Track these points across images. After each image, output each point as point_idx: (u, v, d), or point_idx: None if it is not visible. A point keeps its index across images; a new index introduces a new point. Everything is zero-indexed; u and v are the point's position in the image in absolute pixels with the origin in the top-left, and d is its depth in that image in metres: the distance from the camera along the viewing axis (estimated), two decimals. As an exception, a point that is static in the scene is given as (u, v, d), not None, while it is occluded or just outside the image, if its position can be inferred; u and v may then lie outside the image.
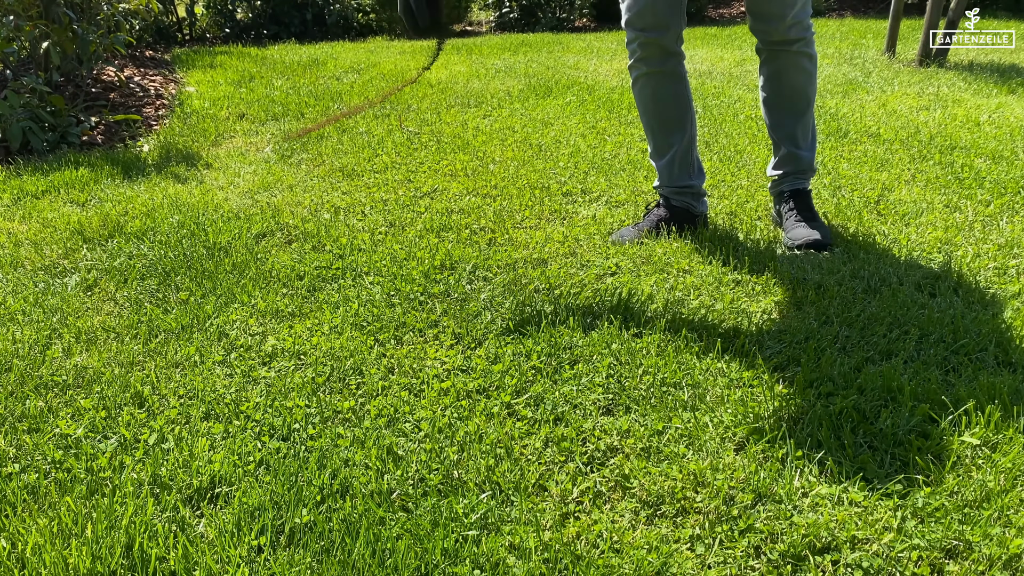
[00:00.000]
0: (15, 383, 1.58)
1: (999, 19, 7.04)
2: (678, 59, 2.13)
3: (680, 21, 2.07)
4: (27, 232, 2.38)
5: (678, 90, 2.16)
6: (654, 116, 2.21)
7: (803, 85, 2.14)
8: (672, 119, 2.19)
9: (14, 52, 3.70)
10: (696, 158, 2.27)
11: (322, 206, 2.56)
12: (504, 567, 1.11)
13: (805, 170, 2.25)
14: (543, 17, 7.63)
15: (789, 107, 2.18)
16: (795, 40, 2.07)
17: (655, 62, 2.11)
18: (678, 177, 2.24)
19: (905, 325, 1.71)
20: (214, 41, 6.89)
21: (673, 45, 2.09)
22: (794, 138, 2.21)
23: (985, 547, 1.11)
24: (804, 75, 2.13)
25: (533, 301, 1.86)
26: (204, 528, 1.20)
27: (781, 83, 2.16)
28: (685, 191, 2.25)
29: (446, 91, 4.30)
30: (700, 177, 2.27)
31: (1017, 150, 2.94)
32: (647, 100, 2.19)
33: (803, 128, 2.21)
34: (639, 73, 2.15)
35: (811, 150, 2.24)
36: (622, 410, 1.46)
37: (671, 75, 2.14)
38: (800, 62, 2.11)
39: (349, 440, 1.39)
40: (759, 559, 1.12)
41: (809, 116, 2.21)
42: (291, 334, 1.76)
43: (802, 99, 2.17)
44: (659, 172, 2.27)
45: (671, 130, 2.20)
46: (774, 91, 2.18)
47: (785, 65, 2.12)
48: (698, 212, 2.27)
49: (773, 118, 2.23)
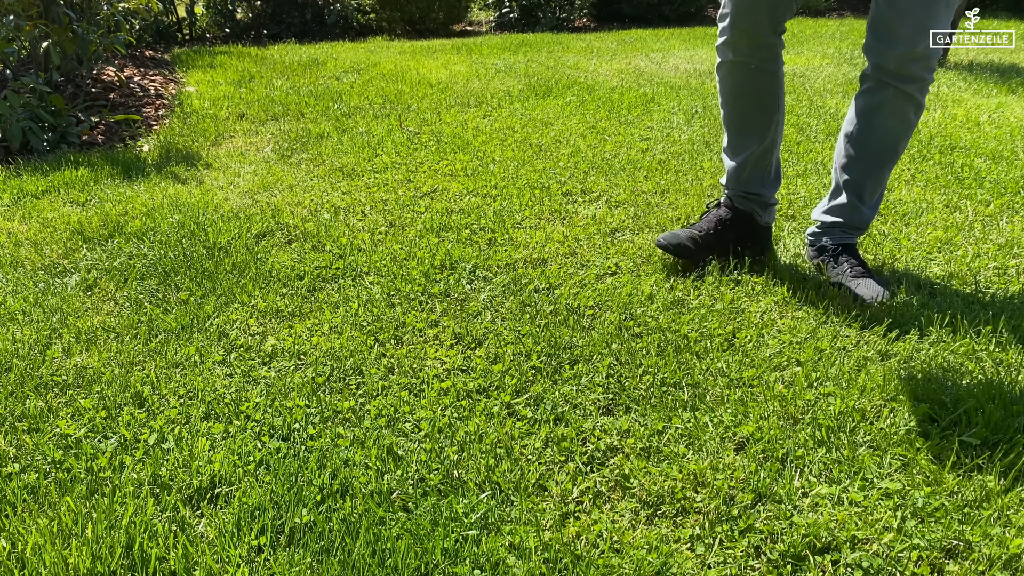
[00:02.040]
0: (15, 383, 1.58)
1: (999, 19, 7.03)
2: (772, 51, 1.85)
3: (786, 10, 1.78)
4: (27, 232, 2.38)
5: (766, 86, 1.88)
6: (734, 110, 1.94)
7: (898, 136, 1.83)
8: (753, 118, 1.92)
9: (14, 52, 3.70)
10: (776, 164, 1.99)
11: (322, 206, 2.56)
12: (504, 567, 1.11)
13: (861, 227, 1.97)
14: (543, 17, 7.64)
15: (872, 155, 1.87)
16: (914, 79, 1.74)
17: (743, 50, 1.83)
18: (748, 182, 2.00)
19: (905, 325, 1.71)
20: (214, 41, 6.89)
21: (767, 34, 1.81)
22: (861, 190, 1.91)
23: (985, 547, 1.11)
24: (904, 125, 1.81)
25: (533, 301, 1.86)
26: (204, 528, 1.20)
27: (874, 123, 1.83)
28: (752, 198, 2.01)
29: (446, 91, 4.30)
30: (774, 185, 2.01)
31: (1017, 150, 2.94)
32: (728, 91, 1.93)
33: (875, 182, 1.90)
34: (724, 59, 1.89)
35: (873, 209, 1.95)
36: (622, 410, 1.46)
37: (760, 69, 1.86)
38: (906, 109, 1.78)
39: (349, 440, 1.39)
40: (759, 559, 1.12)
41: (888, 171, 1.90)
42: (291, 334, 1.76)
43: (890, 151, 1.86)
44: (727, 171, 2.03)
45: (750, 131, 1.94)
46: (863, 129, 1.85)
47: (890, 108, 1.79)
48: (764, 223, 2.02)
49: (849, 158, 1.90)
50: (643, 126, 3.50)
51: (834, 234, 1.97)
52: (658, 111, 3.76)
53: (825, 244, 1.97)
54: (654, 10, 7.93)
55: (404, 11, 7.32)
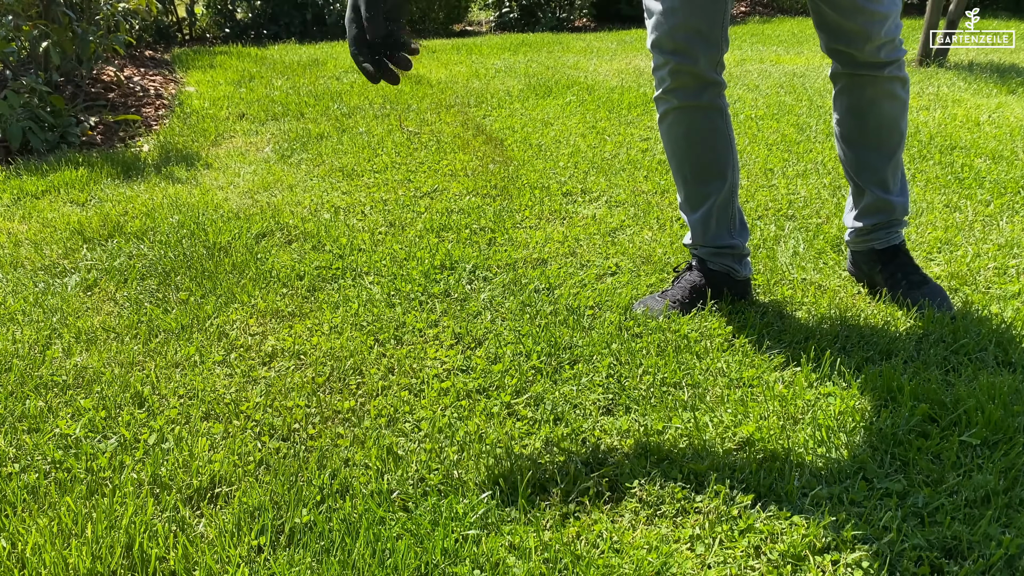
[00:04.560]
0: (15, 383, 1.58)
1: (999, 19, 7.04)
2: (718, 89, 1.71)
3: (722, 42, 1.66)
4: (27, 232, 2.38)
5: (717, 127, 1.73)
6: (686, 160, 1.77)
7: (895, 117, 1.74)
8: (709, 163, 1.76)
9: (14, 52, 3.70)
10: (738, 210, 1.83)
11: (322, 206, 2.56)
12: (504, 567, 1.11)
13: (900, 218, 1.84)
14: (543, 17, 7.64)
15: (878, 145, 1.77)
16: (886, 63, 1.66)
17: (689, 93, 1.69)
18: (715, 235, 1.81)
19: (905, 325, 1.71)
20: (214, 41, 6.89)
21: (712, 72, 1.68)
22: (884, 182, 1.80)
23: (985, 547, 1.11)
24: (897, 104, 1.73)
25: (533, 301, 1.86)
26: (204, 528, 1.20)
27: (868, 117, 1.75)
28: (724, 252, 1.82)
29: (446, 91, 4.30)
30: (743, 234, 1.84)
31: (1017, 150, 2.94)
32: (678, 140, 1.76)
33: (894, 168, 1.80)
34: (668, 107, 1.73)
35: (903, 194, 1.83)
36: (622, 410, 1.46)
37: (709, 108, 1.71)
38: (892, 89, 1.70)
39: (349, 440, 1.39)
40: (759, 559, 1.12)
41: (900, 152, 1.80)
42: (291, 334, 1.76)
43: (894, 134, 1.76)
44: (691, 228, 1.84)
45: (708, 177, 1.77)
46: (858, 126, 1.77)
47: (874, 95, 1.71)
48: (741, 277, 1.84)
49: (856, 158, 1.80)
50: (643, 126, 3.50)
51: (879, 237, 1.84)
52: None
53: (872, 248, 1.85)
54: (654, 10, 7.92)
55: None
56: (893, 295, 1.80)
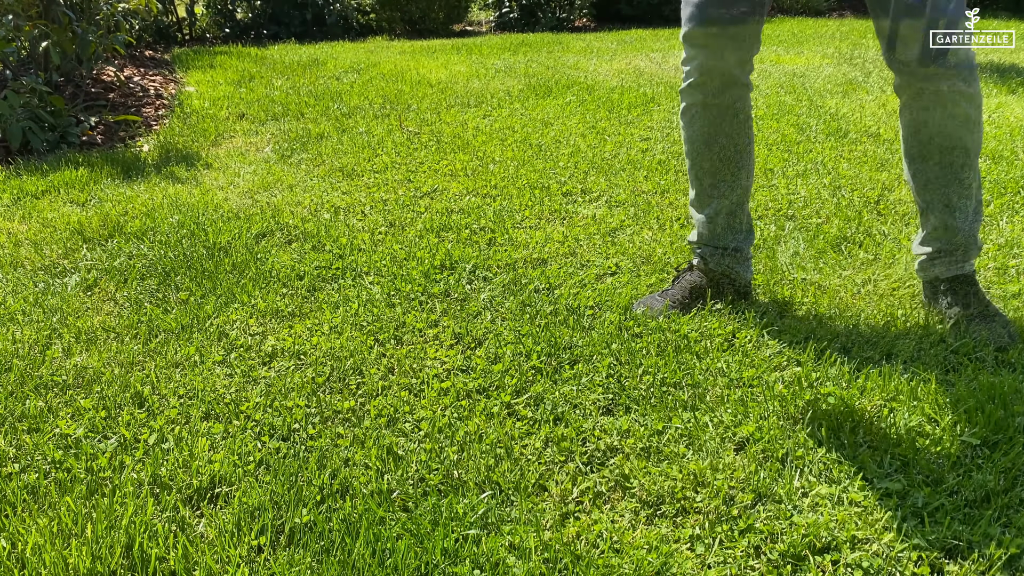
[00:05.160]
0: (15, 383, 1.58)
1: (999, 19, 7.04)
2: (743, 91, 1.71)
3: (754, 42, 1.66)
4: (27, 232, 2.38)
5: (738, 129, 1.74)
6: (703, 158, 1.77)
7: (958, 134, 1.62)
8: (725, 165, 1.76)
9: (14, 52, 3.70)
10: (747, 216, 1.83)
11: (322, 206, 2.56)
12: (504, 567, 1.11)
13: (962, 247, 1.71)
14: (543, 17, 7.63)
15: (938, 163, 1.66)
16: (946, 75, 1.56)
17: (713, 90, 1.69)
18: (721, 236, 1.81)
19: (905, 325, 1.71)
20: (214, 41, 6.88)
21: (739, 71, 1.68)
22: (948, 204, 1.69)
23: (985, 547, 1.11)
24: (958, 121, 1.61)
25: (533, 301, 1.86)
26: (204, 528, 1.20)
27: (925, 133, 1.65)
28: (727, 253, 1.81)
29: (446, 91, 4.30)
30: (749, 239, 1.83)
31: (1017, 150, 2.94)
32: (696, 137, 1.76)
33: (959, 190, 1.67)
34: (691, 101, 1.73)
35: (971, 220, 1.70)
36: (622, 410, 1.46)
37: (730, 109, 1.71)
38: (955, 103, 1.59)
39: (349, 440, 1.39)
40: (759, 559, 1.12)
41: (969, 174, 1.66)
42: (291, 334, 1.76)
43: (956, 152, 1.64)
44: (697, 226, 1.84)
45: (721, 179, 1.78)
46: (918, 143, 1.68)
47: (932, 107, 1.61)
48: (743, 280, 1.83)
49: (918, 177, 1.71)
50: (643, 126, 3.50)
51: (940, 264, 1.74)
52: (658, 111, 3.76)
53: (936, 277, 1.76)
54: (654, 10, 7.92)
55: (404, 11, 7.32)
56: (956, 330, 1.69)
